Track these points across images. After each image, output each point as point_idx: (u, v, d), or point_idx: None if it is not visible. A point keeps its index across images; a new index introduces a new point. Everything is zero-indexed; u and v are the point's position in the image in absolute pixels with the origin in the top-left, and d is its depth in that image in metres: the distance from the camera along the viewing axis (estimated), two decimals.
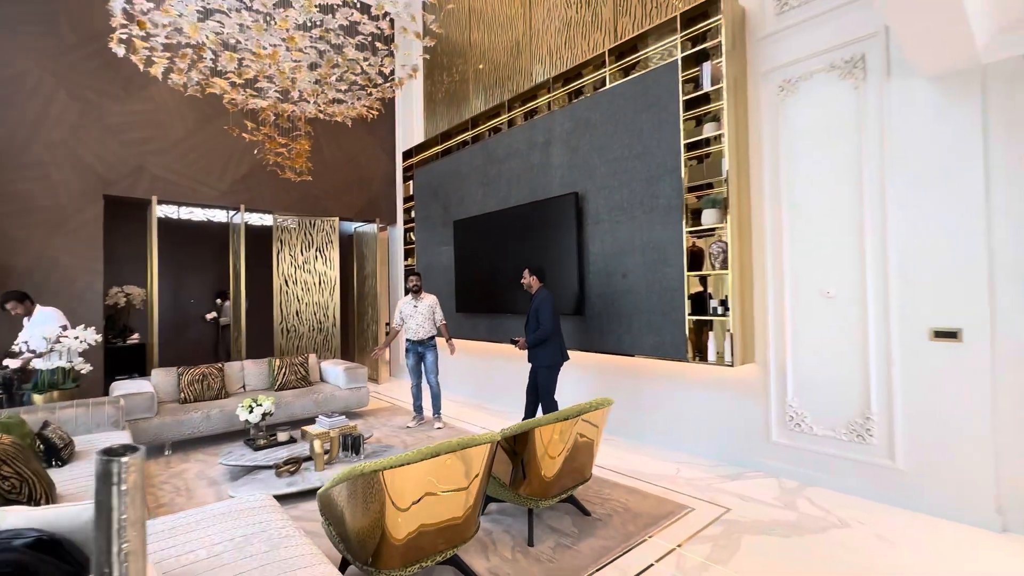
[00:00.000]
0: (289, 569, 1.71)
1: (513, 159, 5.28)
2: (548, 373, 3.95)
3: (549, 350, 3.93)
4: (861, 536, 2.67)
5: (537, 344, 3.95)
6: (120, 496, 0.73)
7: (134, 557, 0.72)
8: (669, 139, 3.80)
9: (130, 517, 0.73)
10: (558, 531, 2.77)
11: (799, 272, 3.41)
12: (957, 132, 2.80)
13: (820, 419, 3.33)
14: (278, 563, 1.76)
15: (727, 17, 3.55)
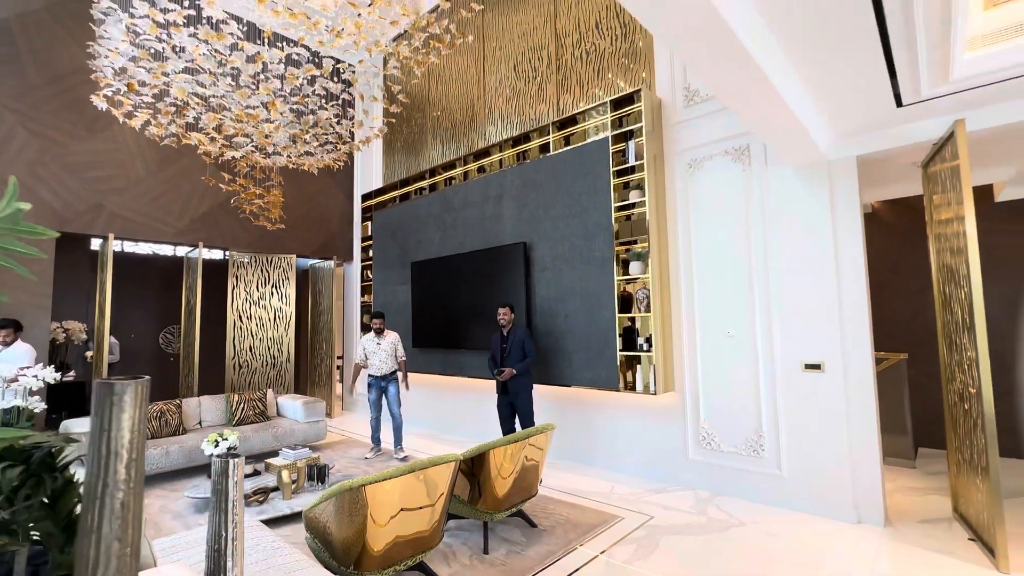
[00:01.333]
0: (290, 571, 2.06)
1: (469, 208, 5.85)
2: (530, 396, 4.46)
3: (529, 376, 4.47)
4: (754, 533, 3.29)
5: (525, 372, 4.41)
6: (234, 485, 1.16)
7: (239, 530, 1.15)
8: (602, 202, 4.50)
9: (237, 498, 1.16)
10: (509, 541, 3.21)
11: (707, 315, 4.13)
12: (814, 209, 3.65)
13: (726, 438, 4.00)
14: (278, 568, 2.10)
15: (646, 105, 4.35)
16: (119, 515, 0.83)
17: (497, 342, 4.58)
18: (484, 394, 5.82)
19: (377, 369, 5.22)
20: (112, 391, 0.84)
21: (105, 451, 0.83)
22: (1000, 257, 4.77)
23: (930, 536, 3.17)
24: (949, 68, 2.57)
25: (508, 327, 4.53)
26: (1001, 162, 4.07)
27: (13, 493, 0.98)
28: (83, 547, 0.81)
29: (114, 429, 0.84)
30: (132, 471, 0.85)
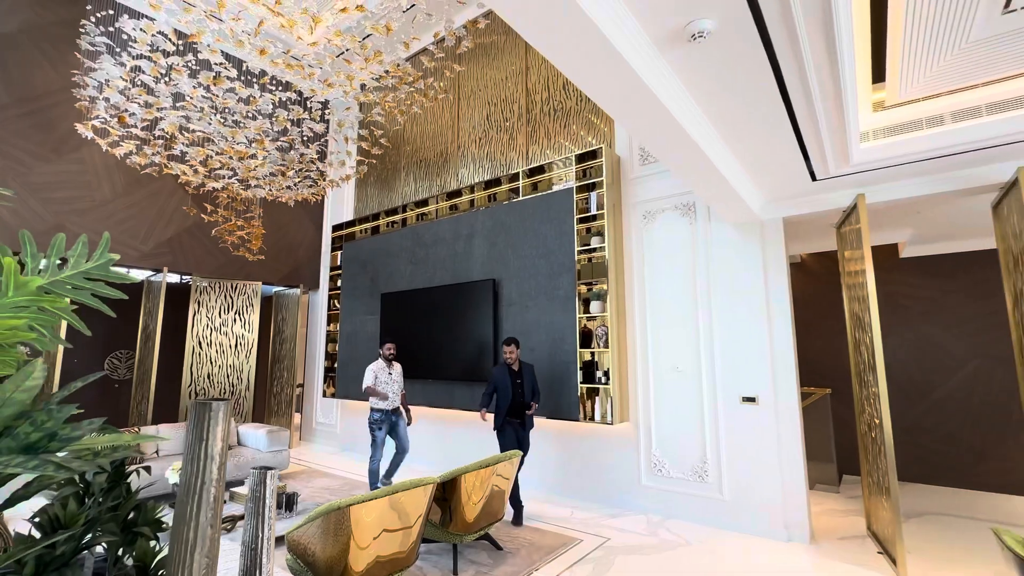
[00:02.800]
0: None
1: (440, 245, 6.16)
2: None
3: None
4: (698, 551, 3.63)
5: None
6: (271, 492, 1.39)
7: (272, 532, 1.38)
8: (567, 245, 4.93)
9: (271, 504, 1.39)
10: (477, 563, 3.40)
11: (658, 351, 4.57)
12: (749, 260, 4.20)
13: (675, 465, 4.37)
14: None
15: (607, 161, 4.86)
16: (211, 506, 1.06)
17: (505, 378, 4.32)
18: (451, 424, 5.99)
19: (391, 402, 4.79)
20: (209, 409, 1.09)
21: (203, 455, 1.07)
22: (904, 305, 5.51)
23: (847, 551, 3.62)
24: (848, 154, 3.16)
25: (516, 363, 4.41)
26: (901, 225, 4.81)
27: (103, 495, 1.18)
28: (182, 532, 1.04)
29: (210, 439, 1.08)
30: (222, 471, 1.09)
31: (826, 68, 2.32)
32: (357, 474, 5.83)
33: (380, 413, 4.78)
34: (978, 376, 5.12)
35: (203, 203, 5.06)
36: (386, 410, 4.78)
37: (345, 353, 7.18)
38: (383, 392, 4.74)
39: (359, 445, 7.06)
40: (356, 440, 7.13)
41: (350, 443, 7.22)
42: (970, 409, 5.13)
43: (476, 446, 5.47)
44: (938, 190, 3.46)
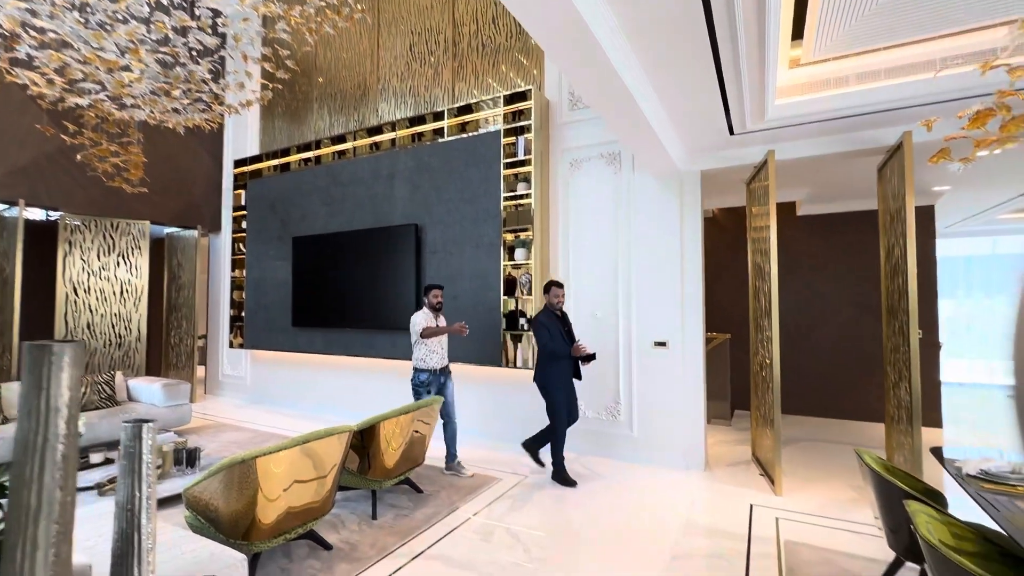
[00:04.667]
0: (174, 545, 2.04)
1: (358, 185, 5.75)
2: None
3: None
4: (608, 483, 3.90)
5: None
6: (148, 448, 1.22)
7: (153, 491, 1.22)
8: (493, 191, 4.79)
9: (151, 461, 1.23)
10: (397, 507, 3.40)
11: (580, 298, 4.67)
12: (668, 212, 4.34)
13: (591, 406, 4.60)
14: (160, 545, 2.06)
15: (536, 104, 4.70)
16: (60, 466, 0.89)
17: (556, 325, 3.92)
18: (372, 373, 5.84)
19: (441, 359, 4.05)
20: (50, 352, 0.89)
21: (44, 408, 0.88)
22: (797, 259, 6.06)
23: (734, 475, 4.07)
24: (764, 108, 3.27)
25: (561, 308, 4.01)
26: (800, 184, 5.18)
27: None
28: (22, 497, 0.87)
29: (52, 388, 0.89)
30: (71, 426, 0.91)
31: (754, 18, 2.32)
32: (269, 426, 5.57)
33: (429, 373, 3.94)
34: (850, 322, 5.83)
35: (63, 122, 4.25)
36: (436, 369, 3.99)
37: (253, 301, 6.66)
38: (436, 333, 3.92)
39: (270, 397, 6.72)
40: (267, 392, 6.78)
41: (261, 395, 6.85)
42: (841, 350, 5.86)
43: (398, 395, 5.38)
44: (837, 150, 3.72)
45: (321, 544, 2.80)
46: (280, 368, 6.69)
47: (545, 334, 3.88)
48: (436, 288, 4.15)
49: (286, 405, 6.52)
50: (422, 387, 3.97)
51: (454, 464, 4.06)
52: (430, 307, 4.11)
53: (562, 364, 3.89)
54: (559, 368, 3.89)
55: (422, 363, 3.98)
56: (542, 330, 3.90)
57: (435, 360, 3.99)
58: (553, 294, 3.95)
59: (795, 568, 2.63)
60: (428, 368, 3.97)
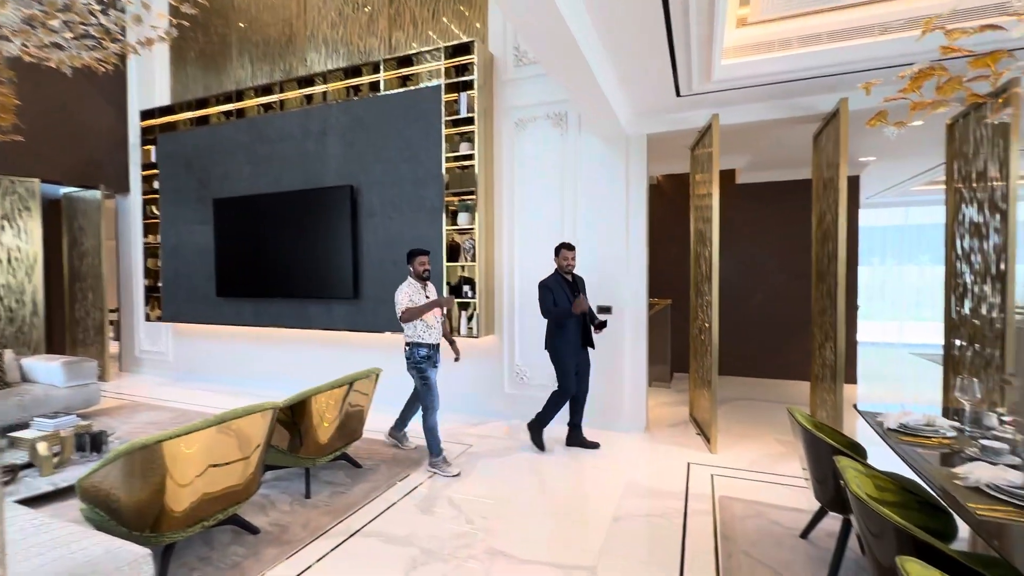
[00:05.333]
0: (65, 543, 1.78)
1: (286, 142, 5.26)
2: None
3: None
4: (552, 448, 3.91)
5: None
6: None
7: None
8: (434, 150, 4.51)
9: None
10: (333, 483, 3.23)
11: (525, 265, 4.56)
12: (614, 177, 4.26)
13: (536, 373, 4.57)
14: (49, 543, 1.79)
15: (479, 59, 4.42)
16: None
17: (563, 290, 3.74)
18: (306, 345, 5.52)
19: (438, 333, 3.58)
20: None
21: None
22: (737, 227, 6.22)
23: (673, 434, 4.19)
24: (712, 70, 3.21)
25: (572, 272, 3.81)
26: (741, 152, 5.26)
27: None
28: None
29: None
30: None
31: None
32: (195, 405, 5.17)
33: (428, 348, 3.50)
34: (782, 287, 6.11)
35: None
36: (433, 343, 3.54)
37: (171, 269, 6.07)
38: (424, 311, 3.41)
39: (198, 373, 6.24)
40: (193, 367, 6.29)
41: (186, 371, 6.34)
42: (773, 314, 6.16)
43: (340, 367, 5.11)
44: (778, 116, 3.75)
45: (247, 528, 2.61)
46: (207, 342, 6.20)
47: (548, 297, 3.69)
48: (422, 254, 3.57)
49: (216, 381, 6.08)
50: (424, 362, 3.48)
51: (400, 434, 3.87)
52: (416, 277, 3.57)
53: (568, 331, 3.71)
54: (565, 335, 3.71)
55: (419, 337, 3.47)
56: (545, 293, 3.71)
57: (433, 334, 3.52)
58: (562, 256, 3.74)
59: (728, 522, 2.73)
60: (427, 342, 3.49)
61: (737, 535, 2.59)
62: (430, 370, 3.51)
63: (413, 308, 3.40)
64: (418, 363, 3.49)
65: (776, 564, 2.32)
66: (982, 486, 1.50)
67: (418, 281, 3.58)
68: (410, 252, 3.61)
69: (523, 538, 2.60)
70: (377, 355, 5.08)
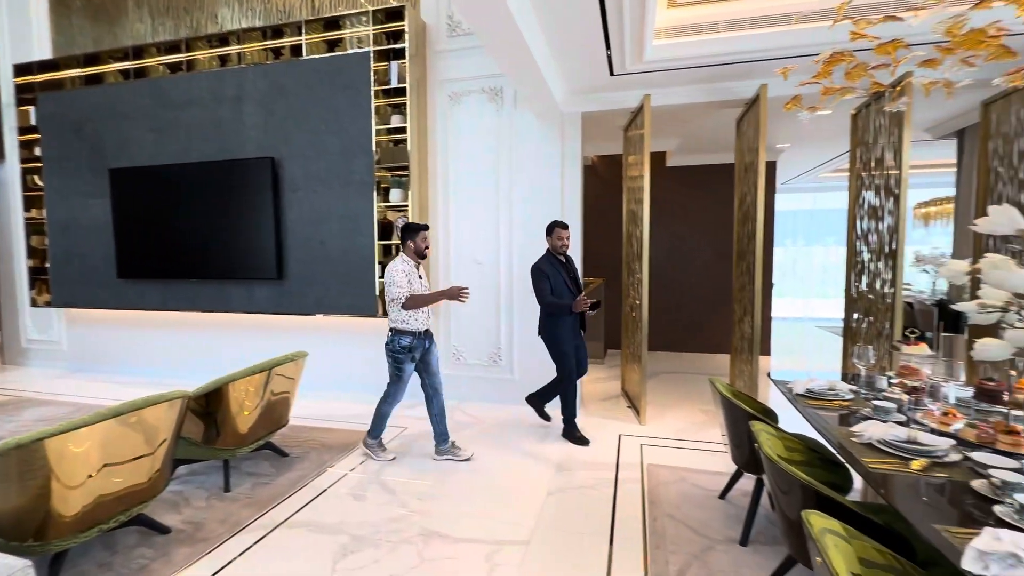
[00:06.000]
0: None
1: (195, 108, 4.77)
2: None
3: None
4: (488, 426, 3.92)
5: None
6: None
7: None
8: (363, 121, 4.27)
9: None
10: (256, 474, 3.05)
11: (461, 244, 4.47)
12: (549, 155, 4.24)
13: (473, 353, 4.53)
14: None
15: (411, 26, 4.20)
16: None
17: (558, 272, 3.56)
18: (226, 330, 5.14)
19: (426, 319, 3.24)
20: None
21: None
22: (667, 208, 6.46)
23: (606, 409, 4.34)
24: (644, 49, 3.24)
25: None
26: (670, 135, 5.42)
27: None
28: None
29: None
30: None
31: None
32: (94, 398, 4.67)
33: (412, 337, 3.16)
34: (707, 265, 6.44)
35: None
36: (420, 332, 3.21)
37: (60, 248, 5.39)
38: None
39: (98, 363, 5.65)
40: (92, 357, 5.68)
41: (84, 361, 5.72)
42: (699, 291, 6.49)
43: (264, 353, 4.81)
44: (704, 99, 3.87)
45: (155, 529, 2.39)
46: (109, 329, 5.60)
47: (546, 285, 3.48)
48: (423, 229, 3.19)
49: (121, 372, 5.53)
50: (403, 353, 3.16)
51: (446, 446, 3.35)
52: (418, 254, 3.20)
53: (566, 317, 3.54)
54: (561, 321, 3.54)
55: (404, 324, 3.13)
56: (542, 280, 3.49)
57: (420, 321, 3.18)
58: (556, 236, 3.54)
59: (655, 488, 2.87)
60: (412, 330, 3.15)
61: (662, 500, 2.72)
62: (407, 363, 3.20)
63: (418, 297, 3.09)
64: (396, 352, 3.17)
65: (696, 524, 2.47)
66: (873, 442, 1.65)
67: (416, 259, 3.23)
68: (408, 226, 3.20)
69: (458, 517, 2.58)
70: (305, 339, 4.83)
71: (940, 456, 1.54)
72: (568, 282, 3.58)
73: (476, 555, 2.25)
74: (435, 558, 2.23)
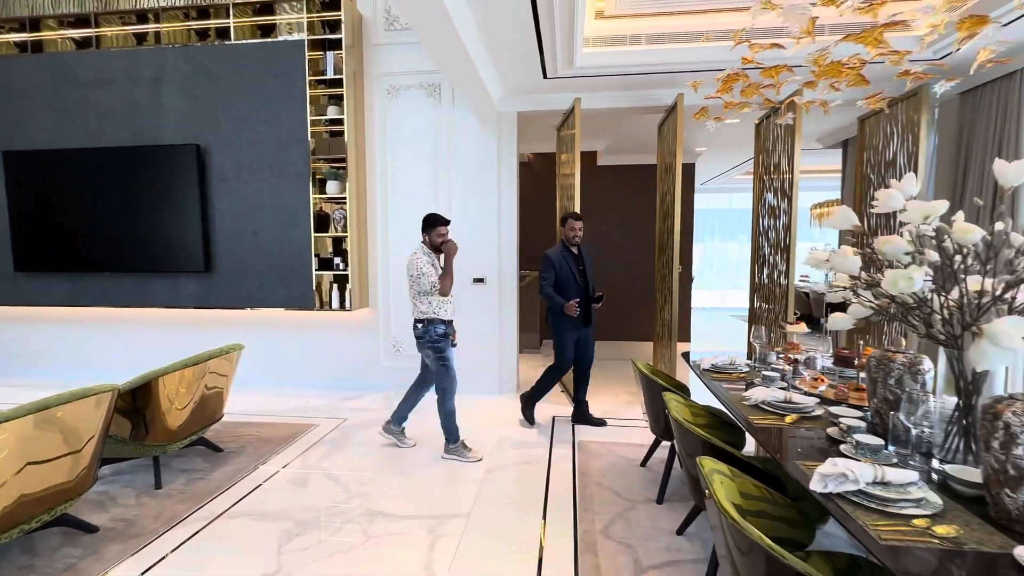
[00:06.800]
0: None
1: (107, 88, 4.45)
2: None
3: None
4: (429, 414, 3.99)
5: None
6: None
7: None
8: (297, 112, 4.20)
9: None
10: (189, 470, 2.98)
11: (400, 236, 4.53)
12: (486, 152, 4.40)
13: (413, 344, 4.60)
14: None
15: (347, 16, 4.18)
16: None
17: (566, 263, 3.59)
18: (147, 326, 4.85)
19: (454, 309, 3.28)
20: None
21: None
22: (598, 204, 6.82)
23: None
24: (574, 56, 3.47)
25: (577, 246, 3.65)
26: (600, 136, 5.76)
27: None
28: None
29: None
30: None
31: None
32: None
33: (444, 325, 3.19)
34: (634, 259, 6.89)
35: None
36: (450, 320, 3.23)
37: None
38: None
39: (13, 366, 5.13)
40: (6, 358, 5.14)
41: None
42: (627, 284, 6.93)
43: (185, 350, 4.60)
44: (629, 104, 4.19)
45: (82, 528, 2.31)
46: (5, 327, 5.08)
47: (549, 275, 3.55)
48: (440, 224, 3.19)
49: (21, 375, 5.04)
50: (443, 340, 3.19)
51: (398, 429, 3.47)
52: (434, 247, 3.22)
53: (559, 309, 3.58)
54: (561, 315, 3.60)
55: (435, 313, 3.14)
56: (547, 270, 3.57)
57: (448, 310, 3.22)
58: (569, 227, 3.58)
59: (584, 462, 3.13)
60: (444, 319, 3.19)
61: (591, 470, 2.99)
62: (448, 349, 3.23)
63: (446, 277, 3.12)
64: (435, 342, 3.17)
65: (620, 488, 2.75)
66: (759, 404, 1.97)
67: (435, 251, 3.24)
68: (427, 219, 3.21)
69: (401, 498, 2.70)
70: (236, 333, 4.68)
71: (807, 411, 1.88)
72: (576, 274, 3.65)
73: (419, 530, 2.38)
74: (380, 535, 2.34)
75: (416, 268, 3.12)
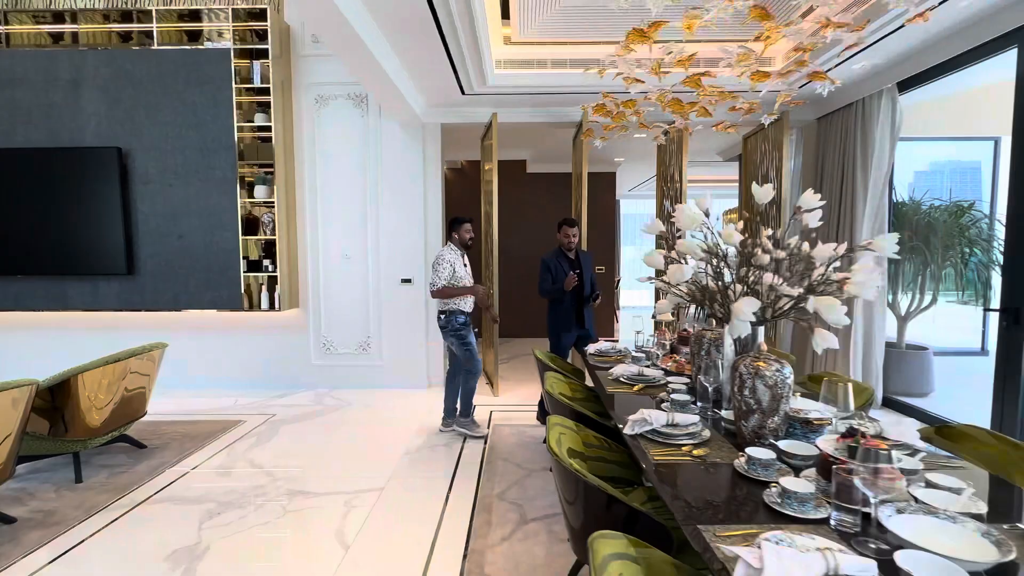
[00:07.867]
0: None
1: (19, 88, 4.37)
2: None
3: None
4: (357, 408, 4.26)
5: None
6: None
7: None
8: (224, 118, 4.32)
9: None
10: (111, 466, 3.07)
11: (329, 239, 4.72)
12: (412, 160, 4.69)
13: (343, 342, 4.81)
14: None
15: (274, 27, 4.34)
16: None
17: (562, 267, 3.65)
18: (66, 329, 4.76)
19: (471, 303, 3.63)
20: None
21: None
22: (526, 210, 7.25)
23: None
24: (486, 76, 3.84)
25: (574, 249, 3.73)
26: (524, 146, 6.18)
27: None
28: None
29: None
30: None
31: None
32: None
33: (465, 315, 3.56)
34: None
35: None
36: (470, 312, 3.60)
37: None
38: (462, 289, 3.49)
39: None
40: None
41: None
42: None
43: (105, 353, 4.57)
44: (543, 120, 4.61)
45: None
46: None
47: (547, 276, 3.68)
48: (467, 221, 3.62)
49: None
50: (465, 327, 3.56)
51: (466, 419, 3.65)
52: (462, 244, 3.61)
53: (563, 307, 3.68)
54: (557, 312, 3.70)
55: (455, 304, 3.52)
56: (544, 272, 3.71)
57: (468, 303, 3.59)
58: (563, 233, 3.73)
59: (497, 442, 3.48)
60: (465, 310, 3.56)
61: (500, 448, 3.35)
62: (471, 334, 3.60)
63: (447, 289, 3.44)
64: (457, 330, 3.54)
65: (521, 461, 3.12)
66: (618, 377, 2.39)
67: (461, 249, 3.62)
68: (454, 219, 3.63)
69: (321, 478, 2.94)
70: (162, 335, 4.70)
71: (653, 381, 2.32)
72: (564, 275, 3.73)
73: (336, 503, 2.64)
74: (298, 509, 2.58)
75: (444, 260, 3.49)
